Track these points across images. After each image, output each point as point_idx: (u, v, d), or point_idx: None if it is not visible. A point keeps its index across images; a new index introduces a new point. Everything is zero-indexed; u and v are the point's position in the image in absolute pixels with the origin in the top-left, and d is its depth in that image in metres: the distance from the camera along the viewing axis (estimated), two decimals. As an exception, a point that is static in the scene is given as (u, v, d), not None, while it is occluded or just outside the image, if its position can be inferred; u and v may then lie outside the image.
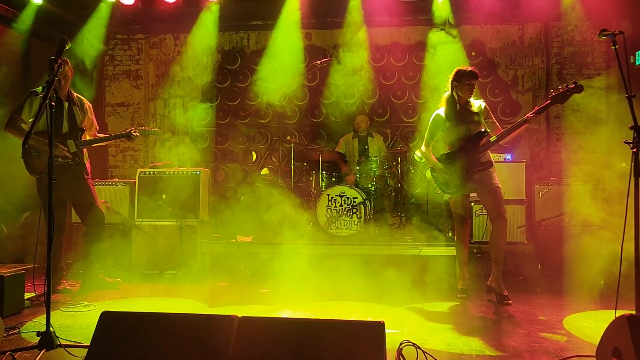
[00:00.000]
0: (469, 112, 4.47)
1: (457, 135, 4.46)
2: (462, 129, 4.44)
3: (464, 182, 4.41)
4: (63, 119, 4.72)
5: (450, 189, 4.55)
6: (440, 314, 4.06)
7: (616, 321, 2.54)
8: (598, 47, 7.18)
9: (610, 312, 2.98)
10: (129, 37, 8.03)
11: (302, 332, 2.39)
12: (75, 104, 4.83)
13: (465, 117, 4.45)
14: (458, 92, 4.44)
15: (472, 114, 4.47)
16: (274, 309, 4.19)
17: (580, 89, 4.08)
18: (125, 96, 8.07)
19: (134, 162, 8.01)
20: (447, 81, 4.54)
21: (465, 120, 4.44)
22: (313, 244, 5.60)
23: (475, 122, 4.45)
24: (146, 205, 5.88)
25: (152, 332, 2.48)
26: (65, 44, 3.46)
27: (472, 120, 4.45)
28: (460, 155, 4.44)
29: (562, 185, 5.74)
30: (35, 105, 4.55)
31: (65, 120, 4.74)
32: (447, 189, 4.57)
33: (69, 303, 4.36)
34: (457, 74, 4.44)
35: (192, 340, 2.41)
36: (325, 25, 7.71)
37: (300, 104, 7.74)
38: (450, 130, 4.49)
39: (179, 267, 5.64)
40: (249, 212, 6.12)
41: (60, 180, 4.55)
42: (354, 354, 2.31)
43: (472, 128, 4.43)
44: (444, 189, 4.61)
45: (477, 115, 4.47)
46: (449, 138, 4.54)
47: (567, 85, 4.10)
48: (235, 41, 8.01)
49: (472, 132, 4.42)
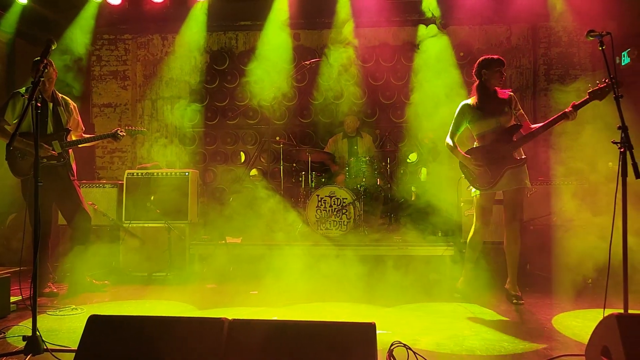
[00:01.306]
0: (499, 102, 4.29)
1: (488, 127, 4.29)
2: (492, 120, 4.27)
3: (497, 178, 4.24)
4: (48, 120, 4.67)
5: (483, 185, 4.34)
6: (430, 314, 4.07)
7: (605, 320, 2.55)
8: (584, 47, 7.25)
9: (599, 310, 3.00)
10: (116, 37, 7.96)
11: (293, 334, 2.37)
12: (60, 105, 4.78)
13: (495, 107, 4.28)
14: (489, 79, 4.29)
15: (503, 104, 4.29)
16: (264, 311, 4.17)
17: (620, 84, 3.91)
18: (112, 97, 7.99)
19: (121, 164, 7.94)
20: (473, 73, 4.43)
21: (496, 111, 4.27)
22: (303, 245, 5.58)
23: (505, 113, 4.27)
24: (134, 207, 5.83)
25: (141, 336, 2.45)
26: (51, 45, 3.41)
27: (502, 111, 4.27)
28: (493, 149, 4.26)
29: (550, 185, 5.78)
30: (18, 106, 4.49)
31: (50, 121, 4.68)
32: (478, 185, 4.36)
33: (56, 306, 4.30)
34: (485, 62, 4.31)
35: (182, 343, 2.39)
36: (314, 25, 7.70)
37: (289, 104, 7.73)
38: (480, 122, 4.31)
39: (167, 269, 5.60)
40: (238, 213, 6.08)
41: (45, 182, 4.48)
42: (345, 356, 2.30)
43: (502, 120, 4.26)
44: (476, 185, 4.38)
45: (507, 106, 4.29)
46: (478, 130, 4.36)
47: (605, 80, 3.86)
48: (223, 41, 7.97)
49: (502, 124, 4.25)
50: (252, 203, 6.25)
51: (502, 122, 4.28)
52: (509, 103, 4.33)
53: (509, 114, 4.30)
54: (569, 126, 4.37)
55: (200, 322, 2.50)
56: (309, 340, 2.33)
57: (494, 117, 4.29)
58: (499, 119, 4.28)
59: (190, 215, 5.89)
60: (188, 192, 5.92)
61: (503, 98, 4.33)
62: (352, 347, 2.31)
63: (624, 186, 3.05)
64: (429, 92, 6.61)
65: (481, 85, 4.37)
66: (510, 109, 4.31)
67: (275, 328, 2.44)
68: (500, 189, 4.33)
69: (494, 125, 4.29)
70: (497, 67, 4.28)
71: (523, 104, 7.42)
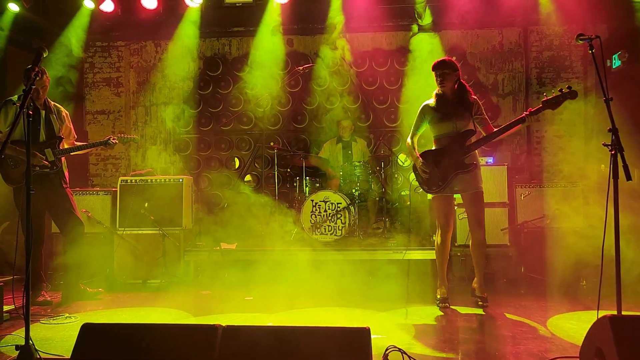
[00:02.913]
0: (457, 106, 4.29)
1: (444, 130, 4.32)
2: (449, 124, 4.28)
3: (446, 182, 4.27)
4: (40, 128, 4.65)
5: (431, 189, 4.38)
6: (425, 319, 4.07)
7: (598, 322, 2.56)
8: (576, 51, 7.31)
9: (593, 312, 3.01)
10: (109, 44, 7.95)
11: (288, 340, 2.37)
12: (52, 112, 4.77)
13: (453, 111, 4.28)
14: (437, 83, 4.35)
15: (461, 108, 4.29)
16: (259, 317, 4.16)
17: (574, 94, 3.93)
18: (105, 104, 7.98)
19: (115, 171, 7.91)
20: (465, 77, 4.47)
21: (453, 115, 4.27)
22: (297, 250, 5.57)
23: (463, 117, 4.27)
24: (128, 214, 5.80)
25: (135, 344, 2.44)
26: (43, 52, 3.40)
27: (460, 115, 4.27)
28: (444, 153, 4.29)
29: (543, 187, 5.81)
30: (10, 114, 4.48)
31: (43, 128, 4.67)
32: (428, 188, 4.41)
33: (49, 315, 4.27)
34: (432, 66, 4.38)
35: (176, 350, 2.38)
36: (307, 31, 7.72)
37: (283, 109, 7.73)
38: (437, 124, 4.34)
39: (162, 276, 5.57)
40: (233, 219, 6.08)
41: (38, 190, 4.47)
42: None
43: (459, 125, 4.27)
44: (425, 188, 4.43)
45: (466, 111, 4.28)
46: (435, 132, 4.39)
47: (561, 89, 3.94)
48: (217, 48, 7.98)
49: (459, 128, 4.27)
50: (246, 209, 6.25)
51: (459, 127, 4.29)
52: (469, 108, 4.31)
53: (467, 118, 4.30)
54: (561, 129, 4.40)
55: (194, 329, 2.49)
56: (303, 345, 2.33)
57: (450, 120, 4.30)
58: (456, 123, 4.29)
59: (184, 221, 5.88)
60: (182, 199, 5.91)
61: (462, 102, 4.32)
62: (347, 352, 2.31)
63: (616, 188, 3.07)
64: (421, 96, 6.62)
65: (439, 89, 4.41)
66: (469, 114, 4.30)
67: (269, 334, 2.44)
68: (451, 193, 4.38)
69: (450, 129, 4.31)
70: (434, 71, 4.34)
71: (516, 107, 7.47)
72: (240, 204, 6.32)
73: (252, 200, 6.24)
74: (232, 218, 6.09)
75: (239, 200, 6.37)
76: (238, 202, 6.35)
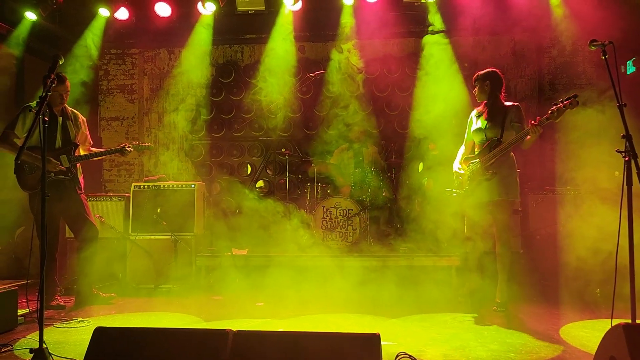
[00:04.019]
0: (492, 115, 4.45)
1: (478, 138, 4.53)
2: (480, 133, 4.48)
3: (471, 188, 4.47)
4: (57, 134, 4.72)
5: (460, 193, 4.60)
6: (437, 325, 4.04)
7: (612, 330, 2.53)
8: (589, 56, 7.25)
9: (607, 321, 2.98)
10: (123, 51, 8.06)
11: (298, 345, 2.37)
12: (69, 119, 4.83)
13: (487, 120, 4.46)
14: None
15: (496, 117, 4.41)
16: (270, 322, 4.16)
17: (574, 104, 3.95)
18: (119, 110, 8.08)
19: (128, 176, 7.99)
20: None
21: (486, 125, 4.45)
22: (308, 256, 5.58)
23: (494, 127, 4.39)
24: (141, 219, 5.86)
25: (147, 348, 2.46)
26: (59, 60, 3.46)
27: (492, 124, 4.41)
28: (473, 161, 4.51)
29: (556, 194, 5.76)
30: (28, 120, 4.55)
31: (59, 135, 4.73)
32: (457, 191, 4.64)
33: (63, 319, 4.32)
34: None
35: (187, 355, 2.39)
36: (319, 38, 7.76)
37: (295, 116, 7.77)
38: (474, 133, 4.57)
39: (173, 281, 5.61)
40: (244, 225, 6.10)
41: (53, 196, 4.55)
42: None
43: (488, 133, 4.44)
44: (456, 191, 4.65)
45: (501, 118, 4.38)
46: (475, 140, 4.60)
47: (561, 100, 3.98)
48: (229, 55, 8.05)
49: (488, 137, 4.44)
50: (258, 215, 6.27)
51: (487, 135, 4.45)
52: (505, 115, 4.39)
53: (498, 127, 4.38)
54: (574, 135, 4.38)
55: (205, 334, 2.51)
56: (313, 351, 2.33)
57: (482, 130, 4.48)
58: (485, 132, 4.46)
59: (196, 227, 5.92)
60: (194, 204, 5.95)
61: (500, 110, 4.43)
62: (357, 358, 2.31)
63: (630, 195, 3.04)
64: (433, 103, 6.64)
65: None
66: (500, 123, 4.38)
67: (280, 339, 2.44)
68: (476, 199, 4.48)
69: (481, 137, 4.49)
70: (473, 85, 4.60)
71: (528, 113, 7.42)
72: (251, 210, 6.35)
73: (264, 206, 6.26)
74: (244, 224, 6.12)
75: (250, 206, 6.40)
76: (249, 208, 6.37)
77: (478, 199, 4.47)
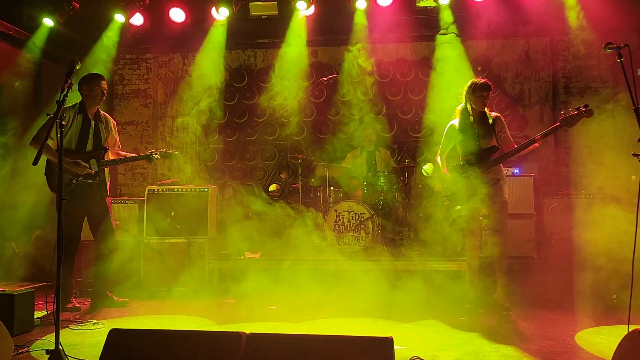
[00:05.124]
0: (482, 125, 4.49)
1: (469, 148, 4.52)
2: (473, 142, 4.48)
3: (470, 196, 4.45)
4: (89, 137, 4.81)
5: (457, 202, 4.59)
6: (450, 330, 4.02)
7: (628, 336, 2.50)
8: (604, 59, 7.17)
9: (623, 327, 2.94)
10: (137, 56, 8.15)
11: (310, 348, 2.38)
12: (102, 122, 4.93)
13: (477, 130, 4.48)
14: (471, 104, 4.48)
15: (486, 127, 4.48)
16: (282, 325, 4.17)
17: (590, 113, 4.03)
18: (134, 115, 8.16)
19: (142, 180, 8.06)
20: (461, 93, 4.57)
21: (477, 134, 4.47)
22: (321, 260, 5.58)
23: (487, 135, 4.47)
24: (155, 222, 5.90)
25: (161, 350, 2.48)
26: (75, 65, 3.52)
27: (484, 134, 4.47)
28: (469, 169, 4.48)
29: (571, 198, 5.70)
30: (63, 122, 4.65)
31: (91, 138, 4.82)
32: (454, 201, 4.62)
33: (78, 321, 4.36)
34: (470, 86, 4.48)
35: (201, 357, 2.41)
36: (332, 42, 7.78)
37: (308, 120, 7.79)
38: (463, 143, 4.55)
39: (186, 285, 5.64)
40: (257, 228, 6.12)
41: (79, 199, 4.67)
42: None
43: (482, 142, 4.46)
44: (452, 202, 4.65)
45: (490, 129, 4.48)
46: (462, 150, 4.61)
47: (578, 108, 4.04)
48: (242, 59, 8.10)
49: (482, 146, 4.45)
50: (270, 218, 6.29)
51: (482, 144, 4.46)
52: (493, 126, 4.49)
53: (491, 136, 4.46)
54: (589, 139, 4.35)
55: (218, 336, 2.52)
56: (325, 354, 2.33)
57: (474, 139, 4.47)
58: (479, 142, 4.46)
59: (209, 230, 5.95)
60: (207, 208, 5.98)
61: (487, 121, 4.49)
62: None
63: (646, 199, 3.01)
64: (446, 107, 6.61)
65: (464, 108, 4.56)
66: (493, 131, 4.47)
67: (292, 342, 2.45)
68: (476, 205, 4.49)
69: (473, 148, 4.48)
70: (479, 92, 4.43)
71: (542, 117, 7.37)
72: (264, 213, 6.37)
73: (276, 210, 6.28)
74: (256, 227, 6.14)
75: (263, 210, 6.42)
76: (262, 212, 6.39)
77: (477, 204, 4.49)
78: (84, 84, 4.80)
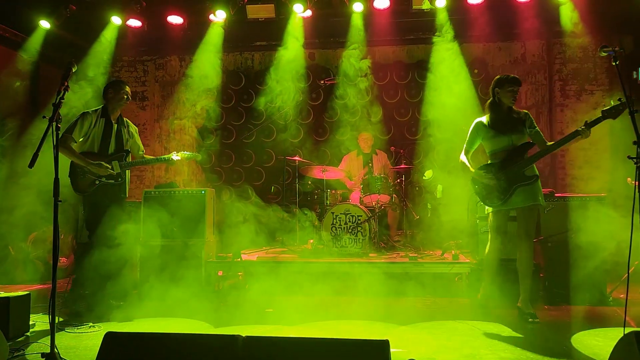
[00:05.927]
0: (512, 120, 4.32)
1: (500, 145, 4.32)
2: (505, 139, 4.29)
3: (507, 196, 4.24)
4: (111, 140, 4.89)
5: (493, 203, 4.35)
6: (447, 333, 4.02)
7: (624, 338, 2.50)
8: (600, 62, 7.21)
9: (619, 329, 2.94)
10: (135, 59, 8.15)
11: (307, 351, 2.37)
12: (124, 126, 5.04)
13: (508, 126, 4.30)
14: (501, 98, 4.32)
15: (516, 122, 4.31)
16: (279, 328, 4.16)
17: (625, 106, 3.77)
18: (131, 117, 8.01)
19: (139, 183, 8.05)
20: (488, 90, 4.46)
21: (509, 130, 4.29)
22: (318, 262, 5.57)
23: (519, 131, 4.29)
24: (151, 225, 5.88)
25: (157, 353, 2.47)
26: (72, 67, 3.52)
27: (515, 129, 4.29)
28: (504, 167, 4.28)
29: (567, 201, 5.70)
30: (85, 126, 4.75)
31: (113, 141, 4.90)
32: (489, 202, 4.38)
33: (74, 324, 4.34)
34: (499, 81, 4.33)
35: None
36: (329, 45, 7.80)
37: (305, 122, 7.80)
38: (493, 140, 4.34)
39: (183, 287, 5.61)
40: (254, 231, 6.12)
41: (101, 200, 4.78)
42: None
43: (515, 138, 4.28)
44: (486, 202, 4.41)
45: (521, 125, 4.31)
46: (491, 147, 4.40)
47: (620, 99, 3.81)
48: (239, 62, 8.11)
49: (515, 142, 4.27)
50: (267, 221, 6.29)
51: (514, 140, 4.29)
52: (523, 121, 4.33)
53: (522, 132, 4.30)
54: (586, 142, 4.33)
55: (214, 339, 2.52)
56: (322, 357, 2.33)
57: (506, 135, 4.29)
58: (512, 137, 4.29)
59: (206, 233, 5.93)
60: (204, 211, 5.96)
61: (517, 116, 4.34)
62: (366, 364, 2.30)
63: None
64: (443, 109, 6.64)
65: (494, 103, 4.38)
66: (524, 127, 4.31)
67: (289, 344, 2.44)
68: (511, 206, 4.31)
69: (506, 143, 4.30)
70: (510, 87, 4.28)
71: (539, 119, 7.39)
72: (261, 215, 6.37)
73: (273, 212, 6.28)
74: (254, 230, 6.13)
75: (260, 212, 6.42)
76: (259, 214, 6.39)
77: (512, 205, 4.29)
78: (111, 88, 4.93)
